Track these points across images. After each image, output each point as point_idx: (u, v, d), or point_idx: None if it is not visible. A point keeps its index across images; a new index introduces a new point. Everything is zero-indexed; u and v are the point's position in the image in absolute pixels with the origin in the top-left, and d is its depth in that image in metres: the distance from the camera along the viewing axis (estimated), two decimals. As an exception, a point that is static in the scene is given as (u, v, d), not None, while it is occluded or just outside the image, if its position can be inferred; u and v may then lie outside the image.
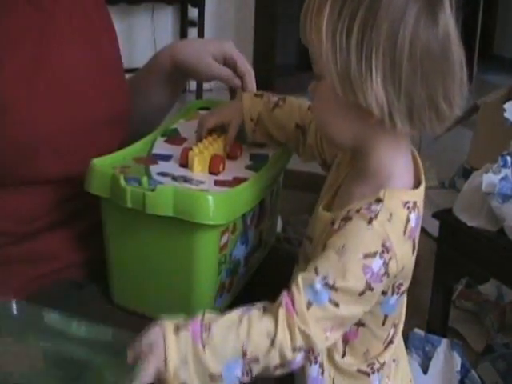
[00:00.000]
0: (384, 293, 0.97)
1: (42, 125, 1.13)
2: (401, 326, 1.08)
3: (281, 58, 5.00)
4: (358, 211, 0.93)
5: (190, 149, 1.14)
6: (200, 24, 5.10)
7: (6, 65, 1.11)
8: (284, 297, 0.92)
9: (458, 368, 1.94)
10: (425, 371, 1.94)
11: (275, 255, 1.36)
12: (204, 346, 0.91)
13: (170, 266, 1.08)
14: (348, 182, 1.03)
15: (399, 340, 1.08)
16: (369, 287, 0.91)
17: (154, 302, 1.12)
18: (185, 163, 1.13)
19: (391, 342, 1.06)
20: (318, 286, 0.91)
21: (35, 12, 1.16)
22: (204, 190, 1.06)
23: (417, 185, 0.99)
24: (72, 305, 1.13)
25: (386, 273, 0.91)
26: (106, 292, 1.18)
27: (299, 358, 0.92)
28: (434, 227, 2.11)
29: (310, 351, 0.94)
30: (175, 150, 1.18)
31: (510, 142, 2.08)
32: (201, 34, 5.11)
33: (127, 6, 4.60)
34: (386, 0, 0.88)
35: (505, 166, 1.82)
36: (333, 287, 0.90)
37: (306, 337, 0.91)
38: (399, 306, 1.03)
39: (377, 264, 0.91)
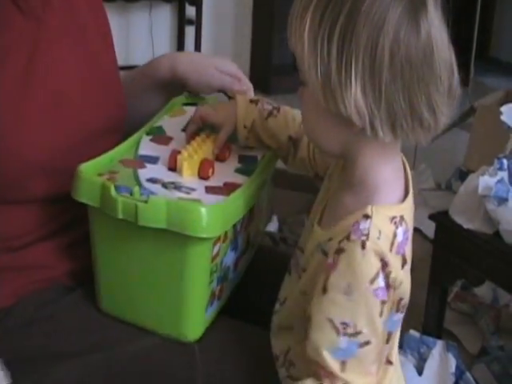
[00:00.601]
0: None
1: (34, 146, 1.11)
2: (396, 345, 1.06)
3: (278, 58, 4.99)
4: (348, 239, 0.92)
5: (179, 152, 1.12)
6: (197, 22, 5.10)
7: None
8: (321, 375, 0.93)
9: (453, 370, 1.94)
10: (420, 373, 1.94)
11: (265, 256, 1.35)
12: None
13: (161, 276, 1.06)
14: (337, 192, 1.02)
15: (396, 359, 1.07)
16: (382, 303, 0.91)
17: (144, 312, 1.10)
18: (173, 167, 1.12)
19: (390, 362, 1.04)
20: (343, 343, 0.91)
21: (27, 22, 1.14)
22: (196, 199, 1.04)
23: (405, 195, 0.98)
24: (61, 309, 1.13)
25: (388, 283, 0.91)
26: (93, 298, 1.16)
27: None
28: (430, 229, 2.11)
29: None
30: (162, 151, 1.16)
31: (506, 144, 2.08)
32: (198, 33, 5.10)
33: (124, 3, 4.60)
34: (366, 7, 0.86)
35: (501, 168, 1.82)
36: (357, 333, 0.91)
37: None
38: (399, 322, 1.03)
39: (381, 280, 0.90)
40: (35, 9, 1.14)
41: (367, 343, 0.91)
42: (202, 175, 1.12)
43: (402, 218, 0.94)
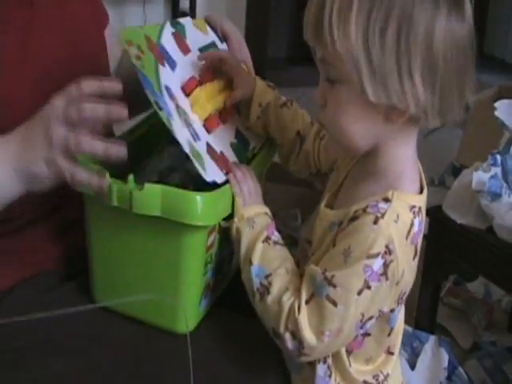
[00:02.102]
0: (392, 310, 0.98)
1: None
2: (400, 336, 1.08)
3: (272, 52, 4.99)
4: (364, 210, 0.93)
5: (197, 85, 1.13)
6: (191, 15, 5.09)
7: None
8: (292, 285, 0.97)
9: (446, 365, 1.94)
10: (412, 367, 1.95)
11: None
12: (267, 239, 1.03)
13: (156, 266, 1.06)
14: (351, 181, 1.03)
15: (399, 350, 1.09)
16: (367, 285, 0.91)
17: (138, 302, 1.07)
18: (188, 93, 1.12)
19: (392, 353, 1.06)
20: (320, 278, 0.93)
21: (22, 9, 1.16)
22: (197, 151, 1.04)
23: (421, 190, 0.99)
24: (53, 300, 1.12)
25: (385, 274, 0.91)
26: (88, 288, 1.16)
27: (289, 342, 0.95)
28: (424, 223, 2.11)
29: (300, 346, 0.94)
30: (180, 59, 1.16)
31: (500, 140, 2.08)
32: (192, 26, 5.09)
33: (119, -4, 4.59)
34: (418, 2, 0.87)
35: (494, 164, 1.83)
36: (331, 283, 0.91)
37: (296, 326, 0.93)
38: (401, 313, 1.04)
39: (377, 264, 0.90)
40: None
41: (333, 302, 0.91)
42: (207, 127, 1.12)
43: (420, 209, 0.96)
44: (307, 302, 0.94)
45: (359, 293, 0.91)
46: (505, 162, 1.83)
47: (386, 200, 0.93)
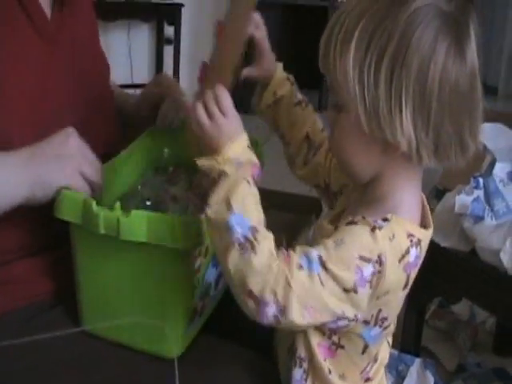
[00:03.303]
0: (366, 322, 0.97)
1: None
2: (383, 366, 1.07)
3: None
4: (363, 218, 0.93)
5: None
6: (176, 42, 5.12)
7: (9, 88, 1.12)
8: (281, 250, 0.91)
9: (431, 387, 1.95)
10: (398, 390, 1.95)
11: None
12: (249, 182, 0.94)
13: (143, 290, 1.07)
14: (354, 205, 1.03)
15: (380, 380, 1.07)
16: (354, 289, 0.90)
17: (125, 328, 1.09)
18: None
19: (370, 379, 1.04)
20: (314, 255, 0.90)
21: (42, 43, 1.18)
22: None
23: (426, 227, 0.99)
24: (40, 325, 1.13)
25: (371, 282, 0.90)
26: (76, 315, 1.16)
27: (272, 308, 0.89)
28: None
29: (282, 315, 0.90)
30: None
31: (482, 164, 2.10)
32: (177, 52, 5.12)
33: (103, 22, 4.60)
34: (416, 38, 0.88)
35: (477, 187, 1.84)
36: (324, 266, 0.89)
37: (287, 286, 0.88)
38: (381, 340, 1.03)
39: (368, 270, 0.90)
40: (50, 31, 1.20)
41: (322, 284, 0.89)
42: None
43: (419, 241, 0.95)
44: (298, 271, 0.89)
45: (346, 292, 0.90)
46: (487, 184, 1.85)
47: (385, 219, 0.93)
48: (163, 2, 5.12)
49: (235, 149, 0.96)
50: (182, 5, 5.11)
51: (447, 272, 1.86)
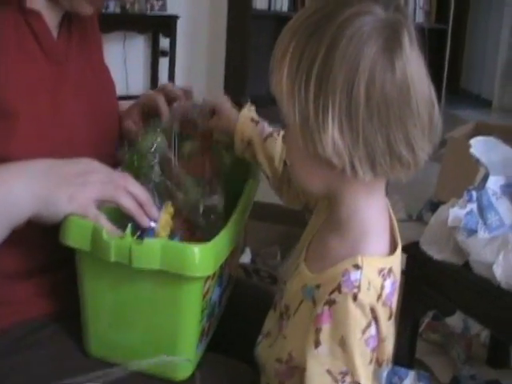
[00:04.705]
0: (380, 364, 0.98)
1: None
2: None
3: (252, 90, 5.02)
4: (339, 291, 0.91)
5: None
6: (171, 54, 5.14)
7: (21, 115, 1.10)
8: None
9: (425, 400, 1.95)
10: (392, 403, 1.95)
11: (241, 290, 1.35)
12: None
13: (154, 317, 1.05)
14: (322, 231, 1.02)
15: None
16: (373, 350, 0.93)
17: (135, 354, 1.08)
18: None
19: None
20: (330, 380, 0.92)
21: (51, 64, 1.18)
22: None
23: (394, 247, 0.98)
24: (35, 346, 1.12)
25: (379, 331, 0.93)
26: (75, 336, 1.14)
27: None
28: (401, 260, 2.12)
29: None
30: None
31: (476, 177, 2.11)
32: (172, 64, 5.13)
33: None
34: (342, 49, 0.86)
35: (470, 200, 1.84)
36: (355, 382, 0.92)
37: None
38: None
39: (373, 329, 0.92)
40: (57, 53, 1.20)
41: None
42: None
43: (390, 270, 0.95)
44: None
45: (370, 362, 0.93)
46: (480, 198, 1.85)
47: (357, 267, 0.92)
48: (159, 14, 5.14)
49: None
50: (177, 17, 5.13)
51: (441, 285, 1.87)
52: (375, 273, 0.93)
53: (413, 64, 0.89)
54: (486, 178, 1.94)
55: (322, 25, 0.88)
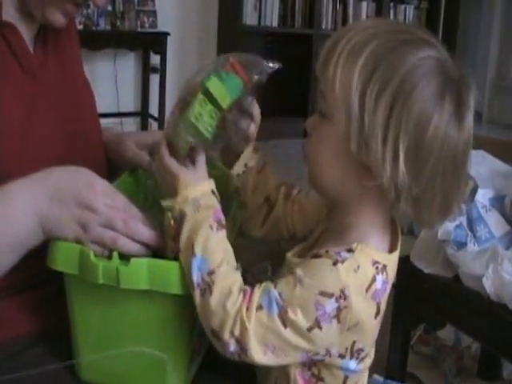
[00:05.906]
0: (341, 356, 0.96)
1: None
2: None
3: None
4: (326, 251, 0.92)
5: None
6: (162, 70, 5.15)
7: None
8: (246, 290, 0.94)
9: (416, 413, 1.95)
10: (383, 417, 1.95)
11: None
12: (212, 226, 0.96)
13: (144, 337, 1.04)
14: (323, 238, 1.03)
15: None
16: (317, 325, 0.90)
17: (127, 376, 1.07)
18: None
19: None
20: (275, 294, 0.92)
21: (27, 78, 1.19)
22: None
23: (392, 251, 0.99)
24: (22, 365, 1.10)
25: (337, 317, 0.90)
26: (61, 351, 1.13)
27: (232, 347, 0.92)
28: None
29: (242, 353, 0.93)
30: None
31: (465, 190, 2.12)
32: (163, 81, 5.15)
33: (89, 51, 4.63)
34: (420, 87, 0.87)
35: (460, 213, 1.85)
36: (283, 307, 0.91)
37: (243, 334, 0.91)
38: (362, 371, 1.02)
39: (330, 306, 0.90)
40: (33, 66, 1.20)
41: (284, 324, 0.91)
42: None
43: (384, 267, 0.94)
44: (257, 311, 0.92)
45: (309, 329, 0.90)
46: (470, 211, 1.86)
47: (349, 250, 0.92)
48: (149, 31, 5.16)
49: (195, 192, 0.99)
50: (167, 34, 5.15)
51: (431, 298, 1.87)
52: (368, 262, 0.93)
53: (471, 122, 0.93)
54: (474, 190, 1.95)
55: (403, 48, 0.89)
